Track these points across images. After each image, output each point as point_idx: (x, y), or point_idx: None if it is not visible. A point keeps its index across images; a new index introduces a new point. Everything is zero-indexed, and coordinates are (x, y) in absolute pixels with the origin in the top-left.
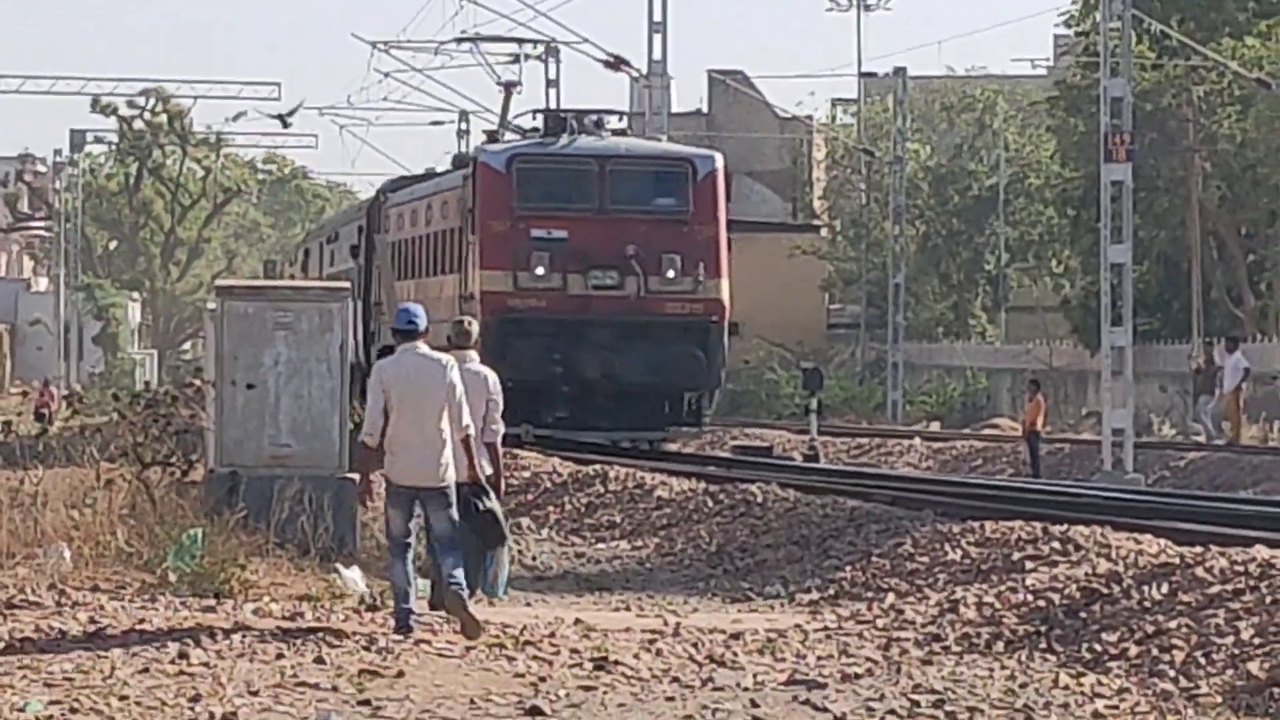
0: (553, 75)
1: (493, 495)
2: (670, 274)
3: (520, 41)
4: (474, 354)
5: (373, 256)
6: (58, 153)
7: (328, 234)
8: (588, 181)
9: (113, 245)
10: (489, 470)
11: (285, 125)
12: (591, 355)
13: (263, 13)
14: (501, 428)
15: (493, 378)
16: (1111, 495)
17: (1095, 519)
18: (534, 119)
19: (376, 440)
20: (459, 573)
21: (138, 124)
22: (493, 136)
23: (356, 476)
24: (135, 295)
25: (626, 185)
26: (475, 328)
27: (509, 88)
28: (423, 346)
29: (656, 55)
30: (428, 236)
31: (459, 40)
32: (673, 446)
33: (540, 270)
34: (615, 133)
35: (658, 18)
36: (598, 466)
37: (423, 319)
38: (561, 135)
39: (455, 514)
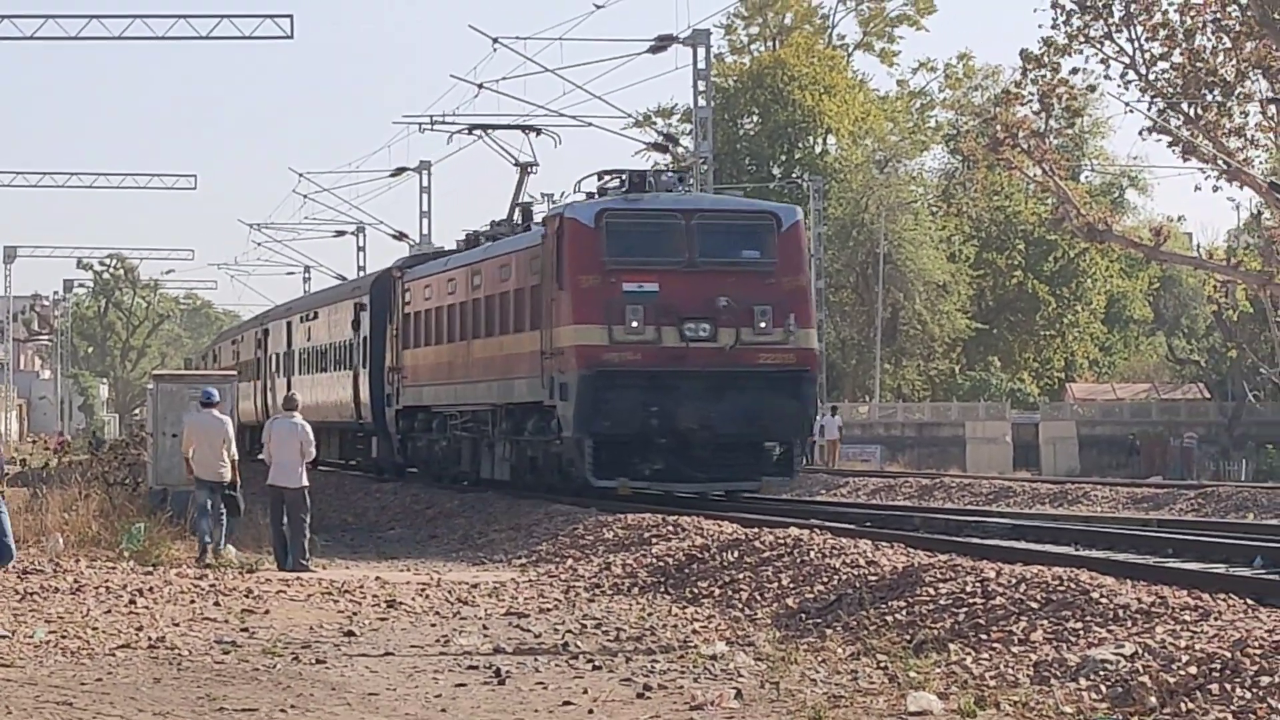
0: (361, 244)
1: (238, 490)
2: (762, 325)
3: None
4: (298, 414)
5: (386, 328)
6: (55, 292)
7: (300, 314)
8: (675, 235)
9: (90, 350)
10: (228, 478)
11: None
12: (687, 407)
13: (180, 206)
14: (312, 452)
15: (307, 430)
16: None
17: (694, 513)
18: (600, 180)
19: (189, 456)
20: (207, 527)
21: (105, 275)
22: (470, 238)
23: (239, 493)
24: (104, 380)
25: (713, 238)
26: (300, 398)
27: (525, 168)
28: (216, 412)
29: (425, 230)
30: (484, 300)
31: (472, 127)
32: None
33: (634, 323)
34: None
35: (425, 208)
36: (391, 484)
37: (216, 395)
38: (644, 191)
39: (221, 495)
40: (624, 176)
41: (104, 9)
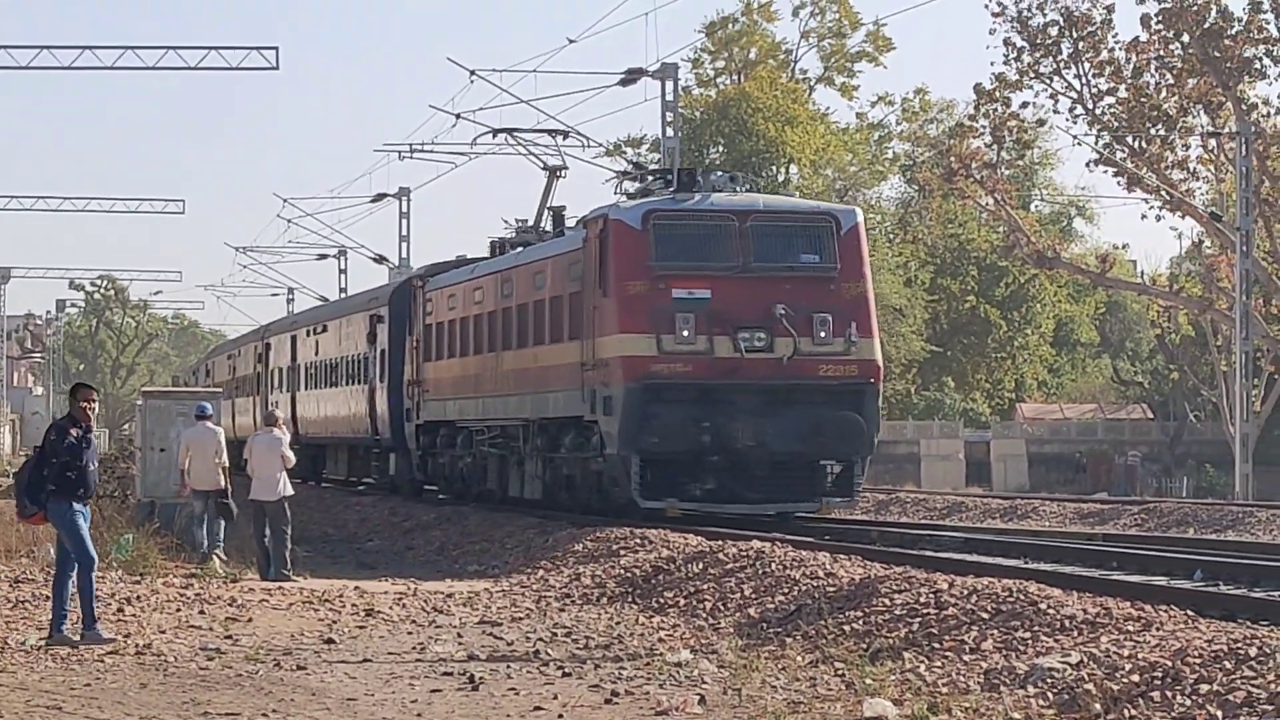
0: (343, 267)
1: (229, 496)
2: (822, 334)
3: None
4: (278, 429)
5: (405, 340)
6: (48, 312)
7: (306, 327)
8: (728, 238)
9: (81, 367)
10: (222, 485)
11: None
12: (742, 422)
13: (169, 230)
14: (292, 459)
15: (285, 439)
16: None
17: (660, 526)
18: (644, 180)
19: (185, 468)
20: (219, 536)
21: (96, 296)
22: (496, 245)
23: (231, 499)
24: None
25: (769, 241)
26: (280, 413)
27: (553, 172)
28: (209, 424)
29: (405, 254)
30: (515, 309)
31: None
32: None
33: (685, 332)
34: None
35: (404, 232)
36: (370, 497)
37: (209, 408)
38: (694, 191)
39: (215, 503)
40: (670, 175)
41: (96, 40)
